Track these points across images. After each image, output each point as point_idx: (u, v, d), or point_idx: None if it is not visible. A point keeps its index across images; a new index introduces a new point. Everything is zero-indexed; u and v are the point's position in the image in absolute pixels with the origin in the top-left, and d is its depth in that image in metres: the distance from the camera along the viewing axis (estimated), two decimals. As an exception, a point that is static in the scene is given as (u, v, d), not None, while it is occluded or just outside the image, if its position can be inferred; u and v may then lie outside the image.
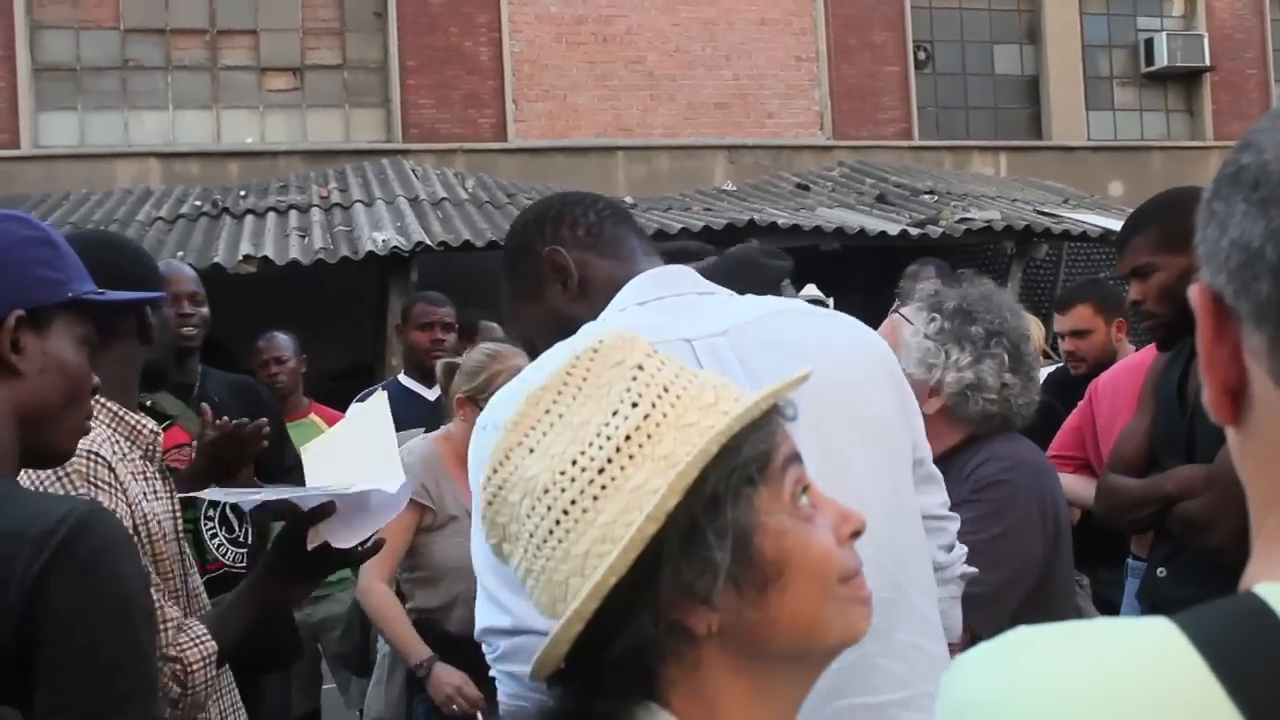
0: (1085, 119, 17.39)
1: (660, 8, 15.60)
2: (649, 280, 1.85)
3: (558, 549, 1.11)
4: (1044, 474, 2.45)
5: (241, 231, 11.56)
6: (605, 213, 1.98)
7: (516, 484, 1.15)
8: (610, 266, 1.93)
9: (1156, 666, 0.67)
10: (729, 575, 1.09)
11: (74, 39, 14.45)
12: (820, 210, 12.71)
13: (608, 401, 1.13)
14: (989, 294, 2.48)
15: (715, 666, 1.13)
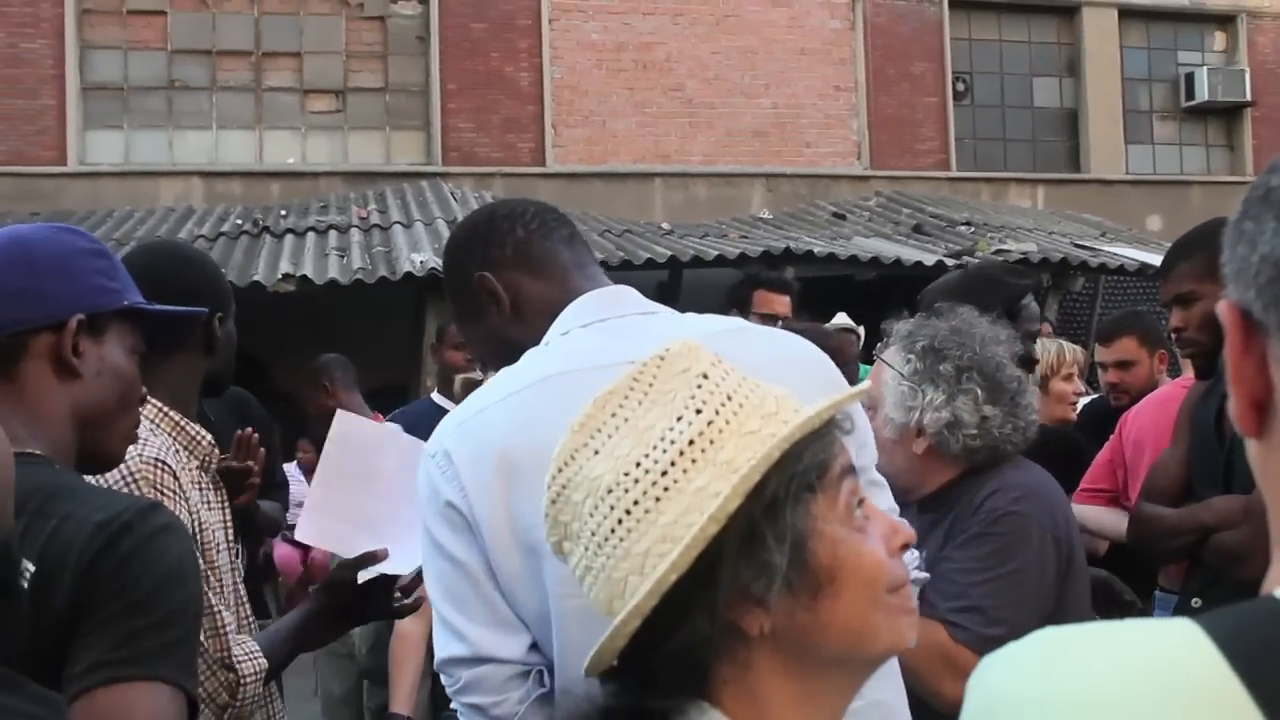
0: (1124, 152, 17.33)
1: (701, 36, 15.69)
2: (592, 302, 1.81)
3: (619, 547, 1.15)
4: (1053, 498, 2.43)
5: (281, 250, 11.67)
6: (533, 226, 1.92)
7: (580, 484, 1.19)
8: (542, 288, 1.88)
9: (1179, 665, 0.69)
10: (784, 578, 1.13)
11: (122, 59, 14.66)
12: (856, 239, 12.71)
13: (673, 407, 1.17)
14: (961, 326, 2.43)
15: (766, 668, 1.17)
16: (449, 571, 1.63)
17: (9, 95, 14.09)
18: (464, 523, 1.62)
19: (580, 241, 1.96)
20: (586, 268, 1.91)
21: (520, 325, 1.87)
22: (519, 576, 1.59)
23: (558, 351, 1.74)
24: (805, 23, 16.18)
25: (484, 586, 1.61)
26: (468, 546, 1.62)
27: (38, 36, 14.24)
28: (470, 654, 1.61)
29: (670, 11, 15.75)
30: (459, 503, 1.62)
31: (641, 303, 1.84)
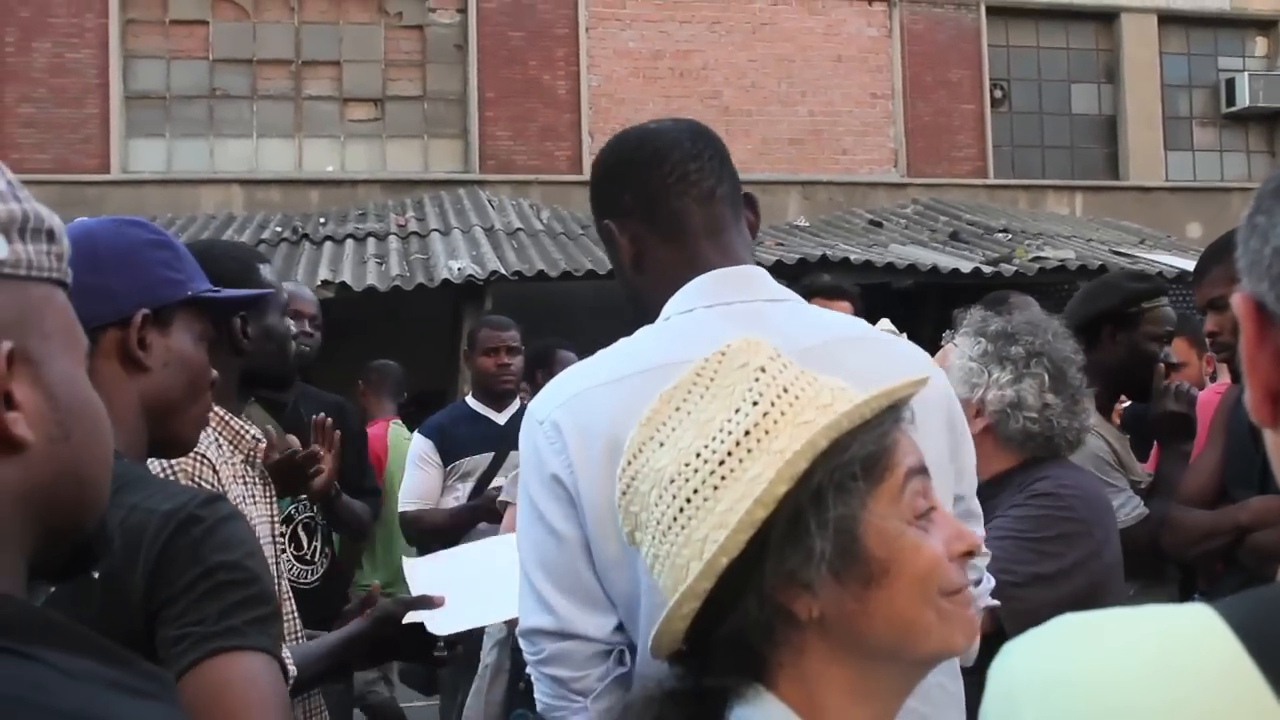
0: (1164, 159, 17.20)
1: (737, 44, 15.70)
2: (717, 282, 1.71)
3: (680, 534, 1.19)
4: (1100, 503, 2.45)
5: (320, 257, 11.77)
6: (671, 180, 1.76)
7: (647, 475, 1.24)
8: (668, 252, 1.77)
9: (1194, 648, 0.70)
10: (830, 565, 1.16)
11: (165, 68, 14.82)
12: (893, 247, 12.69)
13: (731, 400, 1.22)
14: (1035, 319, 2.50)
15: (816, 653, 1.20)
16: (546, 541, 1.62)
17: (54, 105, 14.26)
18: (567, 496, 1.60)
19: (723, 199, 1.79)
20: (721, 235, 1.77)
21: (646, 282, 1.80)
22: (615, 559, 1.58)
23: (675, 335, 1.67)
24: (842, 30, 16.17)
25: (580, 562, 1.60)
26: (569, 520, 1.60)
27: (82, 46, 14.42)
28: (557, 627, 1.61)
29: (707, 19, 15.77)
30: (564, 476, 1.60)
31: (769, 287, 1.75)
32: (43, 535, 0.83)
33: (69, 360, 0.85)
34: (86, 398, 0.87)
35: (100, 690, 0.73)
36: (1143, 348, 3.32)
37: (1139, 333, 3.33)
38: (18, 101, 14.18)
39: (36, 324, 0.82)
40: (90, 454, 0.87)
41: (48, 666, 0.72)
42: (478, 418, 4.93)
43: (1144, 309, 3.33)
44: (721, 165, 1.81)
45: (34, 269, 0.83)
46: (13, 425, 0.78)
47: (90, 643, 0.77)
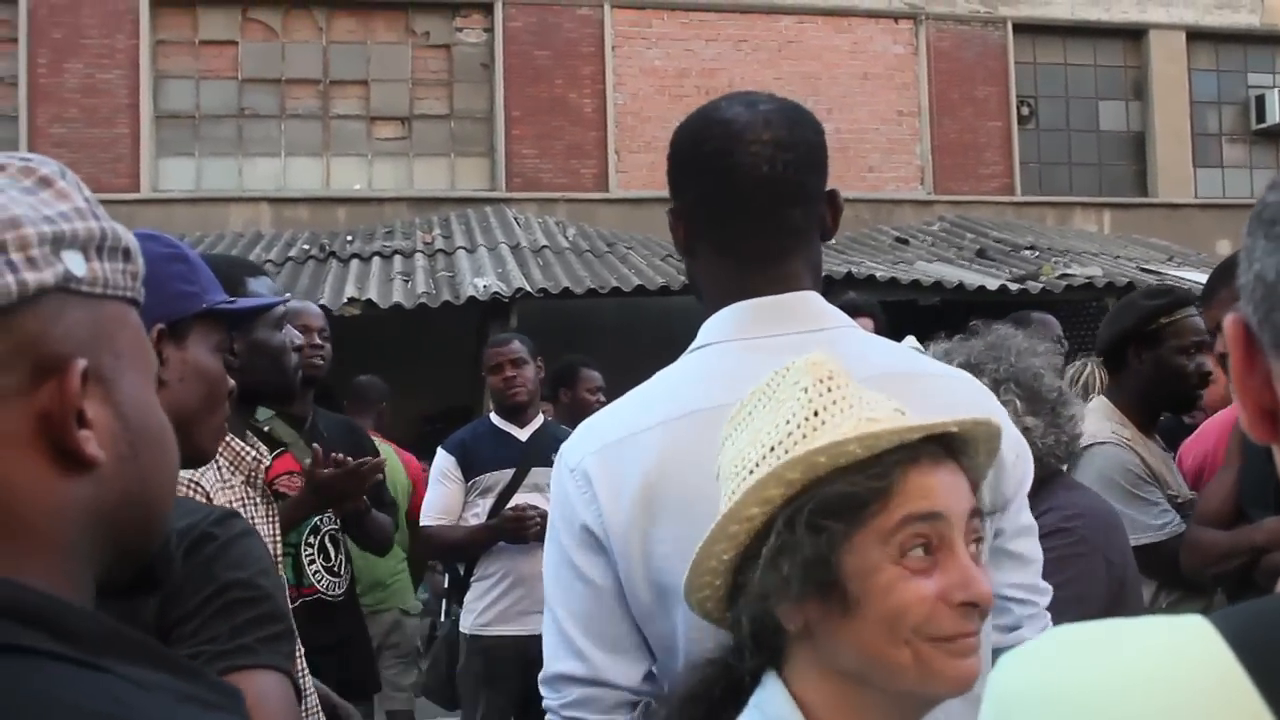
0: (1192, 176, 17.11)
1: (763, 61, 15.72)
2: (756, 312, 1.61)
3: None
4: (1109, 520, 2.43)
5: (347, 275, 11.83)
6: (729, 188, 1.61)
7: (723, 466, 1.34)
8: (716, 263, 1.66)
9: (1188, 661, 0.70)
10: (800, 590, 1.22)
11: (194, 88, 14.95)
12: (919, 264, 12.66)
13: (778, 414, 1.28)
14: (996, 342, 2.41)
15: (806, 661, 1.28)
16: (579, 589, 1.59)
17: (86, 124, 14.41)
18: (599, 545, 1.57)
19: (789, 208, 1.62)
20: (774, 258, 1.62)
21: (697, 277, 1.72)
22: (650, 610, 1.55)
23: (703, 377, 1.60)
24: (868, 48, 16.17)
25: (615, 610, 1.57)
26: (600, 568, 1.57)
27: (113, 67, 14.56)
28: (587, 674, 1.58)
29: (733, 38, 15.80)
30: (595, 527, 1.57)
31: (813, 317, 1.63)
32: (110, 553, 0.83)
33: (139, 379, 0.86)
34: (155, 418, 0.88)
35: (175, 703, 0.74)
36: (1169, 362, 3.31)
37: (1164, 348, 3.32)
38: (50, 121, 14.33)
39: (109, 343, 0.83)
40: (157, 475, 0.87)
41: (123, 679, 0.73)
42: (500, 434, 4.94)
43: (1164, 324, 3.32)
44: (800, 166, 1.62)
45: (110, 287, 0.83)
46: (85, 444, 0.78)
47: (161, 656, 0.78)
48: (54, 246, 0.79)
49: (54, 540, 0.78)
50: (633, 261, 12.51)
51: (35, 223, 0.78)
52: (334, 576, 3.74)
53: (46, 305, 0.78)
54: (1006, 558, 1.68)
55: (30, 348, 0.77)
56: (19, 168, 0.83)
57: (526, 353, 5.00)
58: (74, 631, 0.73)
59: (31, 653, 0.71)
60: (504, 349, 5.03)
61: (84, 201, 0.84)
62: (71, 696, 0.69)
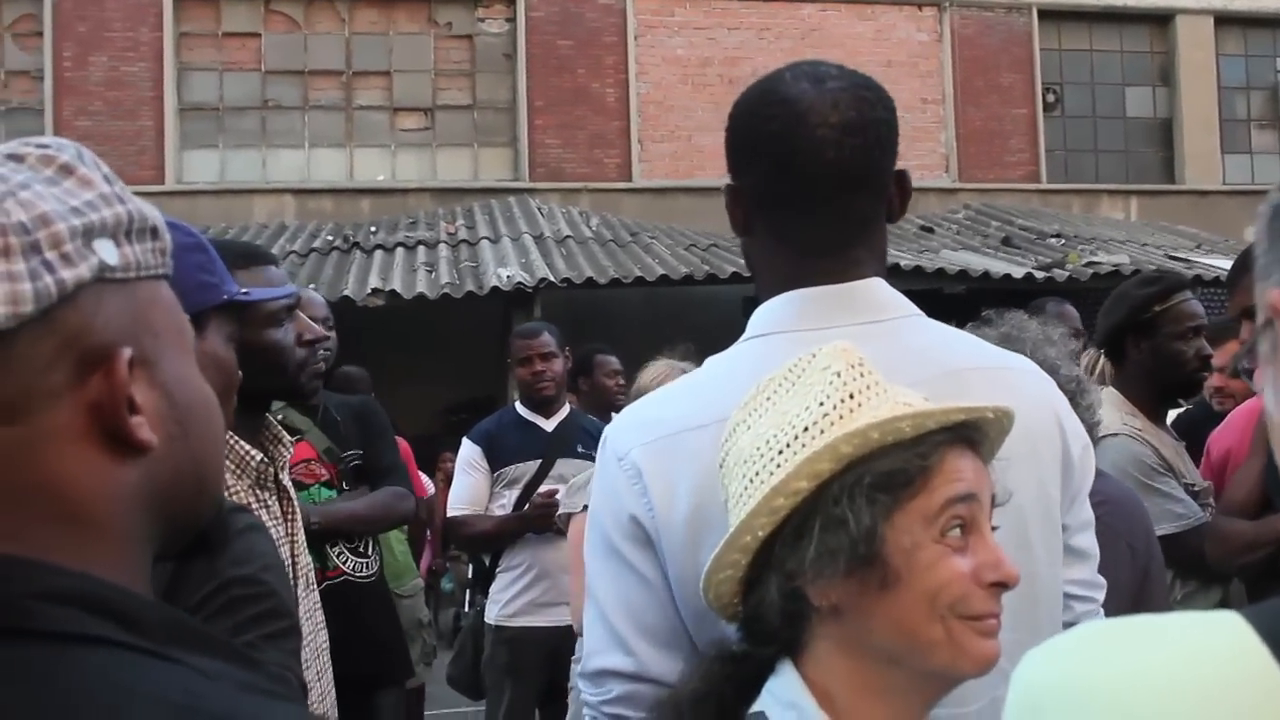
0: (1220, 163, 16.97)
1: (787, 50, 15.65)
2: (809, 303, 1.53)
3: (742, 508, 1.29)
4: (1133, 508, 2.40)
5: (371, 266, 11.85)
6: (791, 172, 1.51)
7: (734, 452, 1.33)
8: (773, 248, 1.58)
9: (1221, 655, 0.69)
10: (845, 564, 1.23)
11: (218, 80, 15.00)
12: (944, 252, 12.60)
13: (806, 398, 1.29)
14: (1011, 332, 2.35)
15: (829, 641, 1.28)
16: (628, 580, 1.52)
17: (111, 117, 14.48)
18: (646, 538, 1.50)
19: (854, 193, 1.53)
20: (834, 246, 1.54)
21: (752, 259, 1.65)
22: (701, 614, 1.46)
23: (767, 369, 1.45)
24: (891, 35, 16.10)
25: (665, 604, 1.50)
26: (650, 562, 1.50)
27: (137, 60, 14.63)
28: (634, 670, 1.50)
29: (755, 26, 15.75)
30: (645, 519, 1.50)
31: (871, 307, 1.54)
32: (165, 529, 0.84)
33: (179, 355, 0.86)
34: (199, 391, 0.88)
35: (238, 692, 0.74)
36: (1167, 349, 3.31)
37: (1161, 336, 3.32)
38: (75, 114, 14.40)
39: (147, 324, 0.83)
40: (207, 447, 0.88)
41: (191, 669, 0.73)
42: (525, 425, 4.93)
43: (1158, 311, 3.30)
44: (869, 150, 1.52)
45: (142, 269, 0.83)
46: (138, 430, 0.79)
47: (220, 645, 0.78)
48: (85, 239, 0.78)
49: (115, 528, 0.79)
50: (656, 251, 12.49)
51: (65, 217, 0.78)
52: (360, 557, 3.70)
53: (85, 298, 0.78)
54: (1069, 553, 1.62)
55: (74, 343, 0.77)
56: (38, 157, 0.82)
57: (555, 345, 4.95)
58: (141, 622, 0.74)
59: (104, 643, 0.71)
60: (533, 341, 4.98)
61: (107, 185, 0.83)
62: (150, 686, 0.70)
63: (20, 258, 0.74)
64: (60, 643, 0.71)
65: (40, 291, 0.74)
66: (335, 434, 3.73)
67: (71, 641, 0.71)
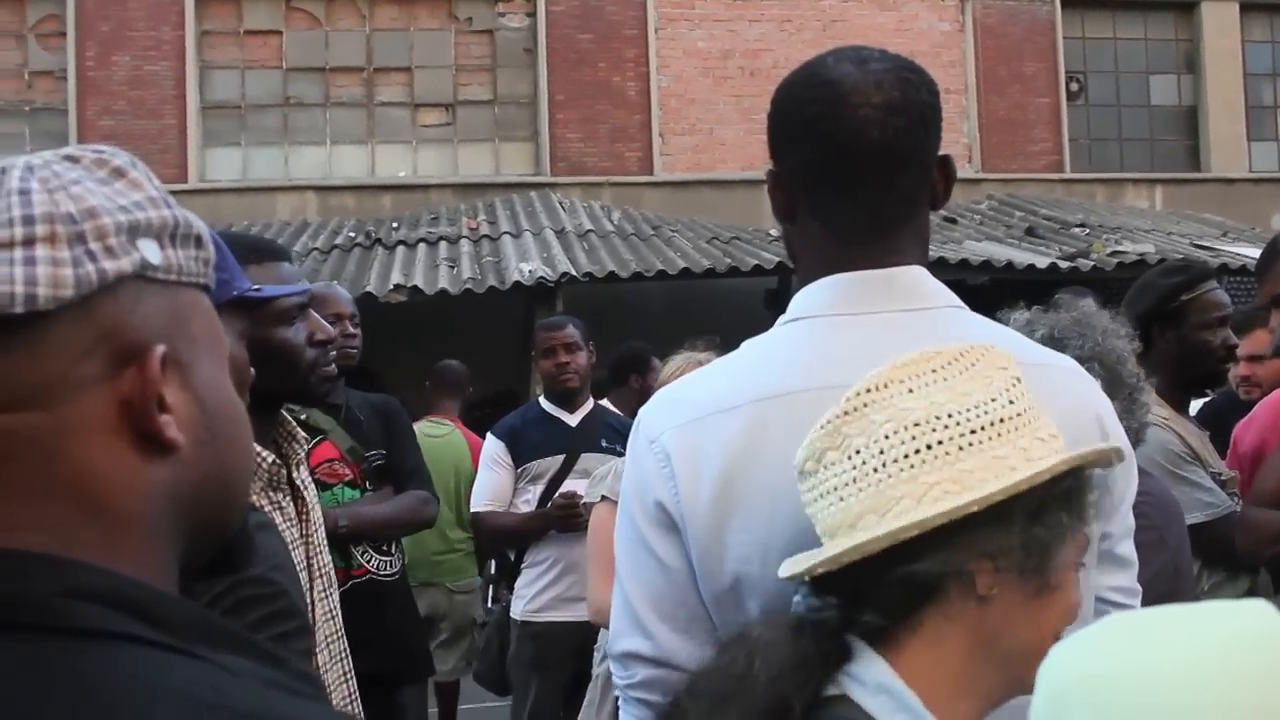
0: (1247, 150, 16.84)
1: (808, 41, 15.60)
2: (850, 286, 1.52)
3: (906, 472, 1.26)
4: (1169, 506, 2.37)
5: (393, 262, 11.87)
6: (834, 154, 1.50)
7: (885, 408, 1.29)
8: (814, 232, 1.56)
9: (1254, 646, 0.67)
10: (1031, 563, 1.26)
11: (240, 78, 15.05)
12: (968, 243, 12.54)
13: (991, 388, 1.30)
14: (1083, 319, 2.37)
15: (959, 629, 1.28)
16: (650, 566, 1.53)
17: (134, 116, 14.54)
18: (671, 523, 1.50)
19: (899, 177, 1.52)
20: (878, 229, 1.53)
21: (793, 244, 1.64)
22: (726, 598, 1.49)
23: (805, 354, 1.52)
24: (913, 25, 16.01)
25: (686, 590, 1.51)
26: (673, 547, 1.51)
27: (160, 59, 14.68)
28: (655, 654, 1.52)
29: (777, 18, 15.70)
30: (670, 504, 1.50)
31: (916, 292, 1.54)
32: (190, 536, 0.85)
33: (213, 363, 0.88)
34: (230, 400, 0.89)
35: (263, 689, 0.75)
36: (1193, 339, 3.29)
37: (1188, 325, 3.30)
38: (99, 114, 14.47)
39: (184, 328, 0.84)
40: (234, 456, 0.89)
41: (217, 666, 0.74)
42: (549, 419, 4.91)
43: (1185, 301, 3.28)
44: (912, 132, 1.50)
45: (183, 274, 0.85)
46: (166, 428, 0.80)
47: (245, 642, 0.79)
48: (130, 235, 0.80)
49: (141, 526, 0.80)
50: (678, 244, 12.47)
51: (111, 212, 0.80)
52: (384, 555, 3.71)
53: (125, 293, 0.79)
54: (1111, 561, 1.61)
55: (111, 335, 0.79)
56: (93, 159, 0.84)
57: (580, 337, 4.91)
58: (167, 619, 0.75)
59: (131, 640, 0.72)
60: (558, 333, 4.94)
61: (155, 191, 0.85)
62: (177, 683, 0.71)
63: (65, 245, 0.76)
64: (87, 639, 0.71)
65: (81, 278, 0.76)
66: (358, 433, 3.74)
67: (99, 638, 0.72)
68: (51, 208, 0.77)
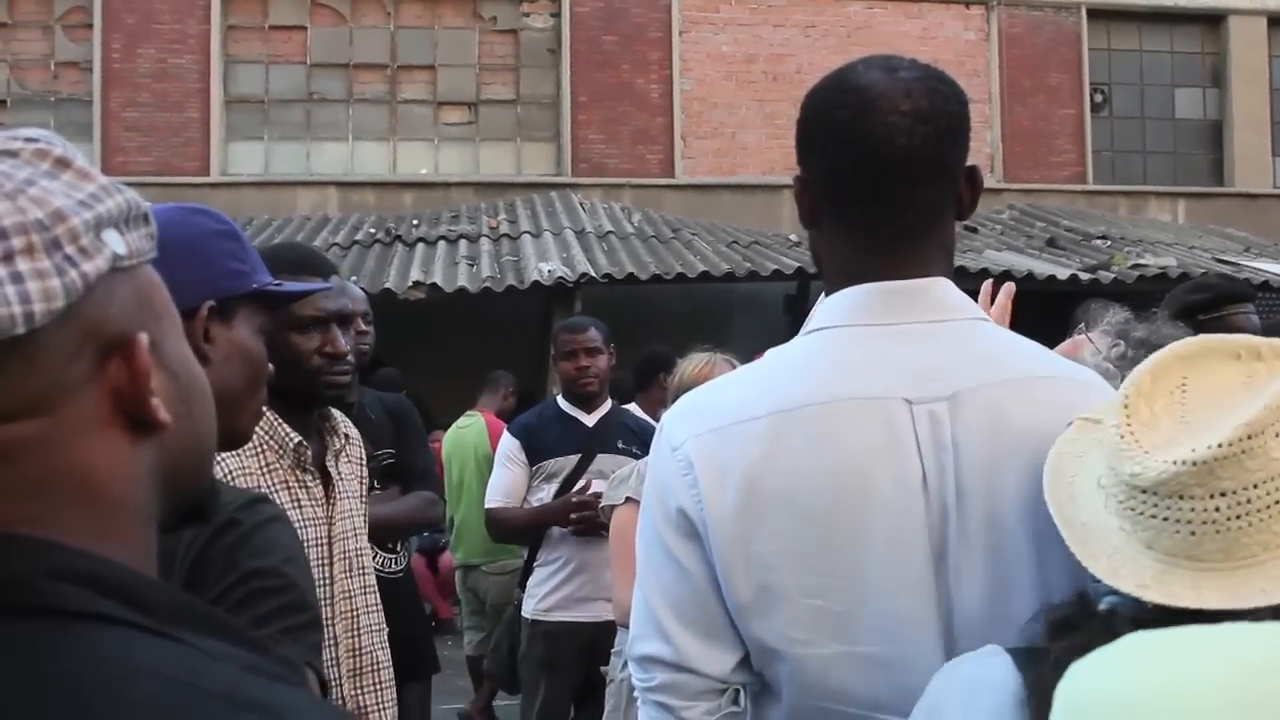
0: (1271, 165, 16.74)
1: (832, 47, 15.57)
2: (871, 298, 1.52)
3: None
4: None
5: (412, 259, 11.88)
6: (860, 160, 1.49)
7: None
8: (839, 241, 1.56)
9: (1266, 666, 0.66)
10: None
11: (264, 73, 15.08)
12: (988, 253, 12.50)
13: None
14: (1175, 335, 2.39)
15: None
16: (671, 571, 1.53)
17: (158, 109, 14.59)
18: (693, 530, 1.50)
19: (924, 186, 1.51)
20: (902, 238, 1.52)
21: (817, 249, 1.63)
22: (749, 607, 1.48)
23: (829, 364, 1.51)
24: (938, 34, 15.97)
25: (706, 597, 1.51)
26: (694, 554, 1.51)
27: (184, 53, 14.73)
28: (674, 659, 1.52)
29: (801, 24, 15.67)
30: (693, 512, 1.50)
31: (941, 304, 1.52)
32: (168, 503, 0.86)
33: (176, 335, 0.88)
34: (196, 368, 0.91)
35: (241, 673, 0.75)
36: None
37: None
38: (123, 106, 14.52)
39: (151, 308, 0.85)
40: (207, 423, 0.91)
41: (195, 649, 0.75)
42: (566, 419, 4.90)
43: (1201, 320, 3.22)
44: (940, 141, 1.50)
45: (141, 256, 0.85)
46: (158, 411, 0.81)
47: (225, 626, 0.80)
48: (96, 231, 0.80)
49: (130, 509, 0.81)
50: (698, 248, 12.46)
51: (76, 211, 0.79)
52: (390, 553, 3.73)
53: (100, 288, 0.79)
54: None
55: (95, 332, 0.79)
56: (32, 151, 0.81)
57: (601, 341, 4.88)
58: (148, 602, 0.75)
59: (110, 620, 0.73)
60: (579, 336, 4.91)
61: (102, 177, 0.84)
62: (152, 662, 0.72)
63: (44, 254, 0.75)
64: (67, 620, 0.72)
65: (69, 286, 0.76)
66: (369, 432, 3.74)
67: (78, 619, 0.72)
68: (20, 216, 0.75)
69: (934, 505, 1.44)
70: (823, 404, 1.46)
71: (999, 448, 1.45)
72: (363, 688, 2.35)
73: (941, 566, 1.45)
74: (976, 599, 1.45)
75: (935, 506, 1.45)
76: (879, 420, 1.45)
